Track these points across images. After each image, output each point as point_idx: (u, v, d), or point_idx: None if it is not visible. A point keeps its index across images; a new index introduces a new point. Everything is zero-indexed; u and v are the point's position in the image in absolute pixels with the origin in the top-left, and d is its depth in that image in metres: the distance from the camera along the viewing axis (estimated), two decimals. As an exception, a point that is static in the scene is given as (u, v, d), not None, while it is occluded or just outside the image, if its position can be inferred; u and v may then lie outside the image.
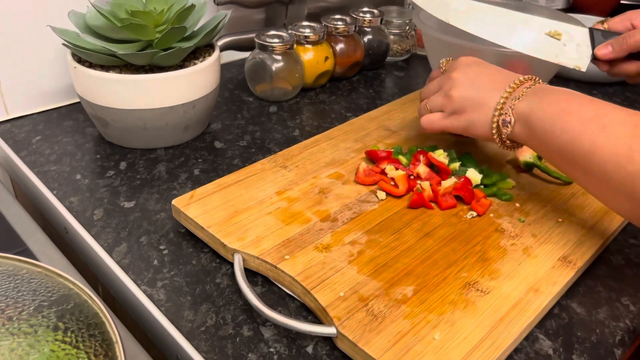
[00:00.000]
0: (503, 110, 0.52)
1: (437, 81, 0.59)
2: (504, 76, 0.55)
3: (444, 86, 0.57)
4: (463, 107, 0.55)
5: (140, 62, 0.62)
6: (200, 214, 0.52)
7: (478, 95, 0.54)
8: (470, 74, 0.56)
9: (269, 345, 0.44)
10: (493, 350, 0.41)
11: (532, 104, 0.50)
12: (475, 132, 0.55)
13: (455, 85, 0.56)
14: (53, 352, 0.33)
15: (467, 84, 0.55)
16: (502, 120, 0.52)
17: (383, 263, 0.48)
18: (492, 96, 0.53)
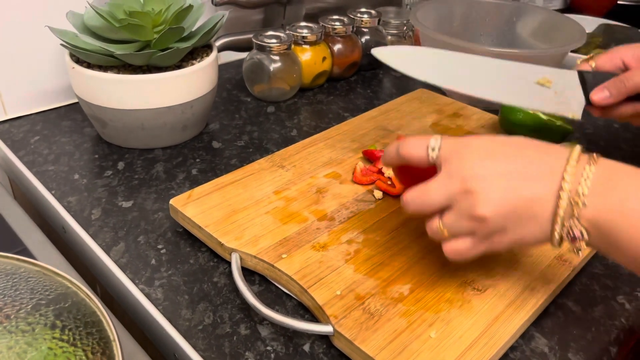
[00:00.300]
0: (566, 222, 0.38)
1: (440, 189, 0.41)
2: (543, 162, 0.39)
3: (459, 202, 0.40)
4: (504, 227, 0.39)
5: (138, 63, 0.62)
6: (198, 214, 0.53)
7: (520, 204, 0.39)
8: (494, 177, 0.39)
9: (266, 344, 0.44)
10: (489, 349, 0.41)
11: (610, 212, 0.37)
12: (529, 246, 0.44)
13: (480, 200, 0.39)
14: (50, 350, 0.33)
15: (497, 194, 0.39)
16: (568, 235, 0.38)
17: (380, 262, 0.49)
18: (542, 202, 0.39)
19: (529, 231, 0.39)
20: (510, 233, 0.40)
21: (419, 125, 0.71)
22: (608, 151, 0.72)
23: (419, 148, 0.42)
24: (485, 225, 0.39)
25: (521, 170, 0.39)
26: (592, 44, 0.97)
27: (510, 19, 0.89)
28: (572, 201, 0.37)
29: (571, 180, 0.38)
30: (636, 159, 0.71)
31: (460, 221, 0.40)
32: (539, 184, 0.39)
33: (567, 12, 1.15)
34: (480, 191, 0.39)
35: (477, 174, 0.39)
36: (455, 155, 0.41)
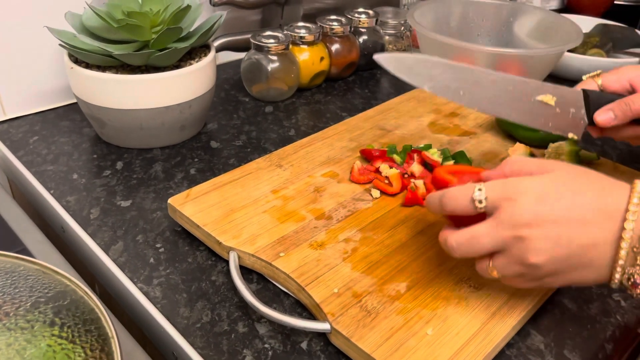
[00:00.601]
0: (626, 270, 0.37)
1: (491, 236, 0.39)
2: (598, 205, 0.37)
3: (511, 249, 0.39)
4: (556, 271, 0.39)
5: (137, 63, 0.63)
6: (196, 213, 0.53)
7: (574, 251, 0.37)
8: (547, 224, 0.37)
9: (263, 341, 0.44)
10: (485, 345, 0.42)
11: None
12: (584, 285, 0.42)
13: (532, 248, 0.38)
14: (49, 347, 0.33)
15: (551, 241, 0.37)
16: (629, 281, 0.37)
17: (377, 260, 0.49)
18: (598, 248, 0.37)
19: (584, 275, 0.39)
20: (563, 276, 0.39)
21: (416, 124, 0.71)
22: (605, 151, 0.72)
23: (464, 201, 0.40)
24: (537, 271, 0.39)
25: (577, 215, 0.37)
26: (589, 43, 0.98)
27: (507, 19, 0.89)
28: (633, 249, 0.36)
29: (633, 227, 0.36)
30: (633, 159, 0.72)
31: (510, 265, 0.39)
32: (596, 230, 0.37)
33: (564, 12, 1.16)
34: (532, 239, 0.37)
35: (529, 221, 0.37)
36: (505, 201, 0.39)
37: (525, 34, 0.86)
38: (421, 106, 0.76)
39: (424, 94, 0.80)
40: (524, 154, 0.62)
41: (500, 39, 0.90)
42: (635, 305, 0.49)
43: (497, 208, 0.39)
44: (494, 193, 0.39)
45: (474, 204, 0.39)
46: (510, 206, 0.38)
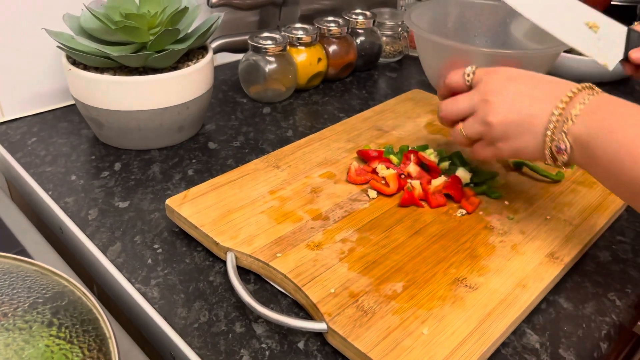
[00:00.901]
0: (555, 135, 0.45)
1: (467, 100, 0.51)
2: (551, 89, 0.47)
3: (478, 110, 0.50)
4: (506, 134, 0.48)
5: (134, 64, 0.63)
6: (194, 213, 0.53)
7: (521, 118, 0.47)
8: (508, 92, 0.48)
9: (261, 341, 0.44)
10: (480, 344, 0.42)
11: (591, 129, 0.43)
12: (525, 157, 0.49)
13: (492, 110, 0.48)
14: (47, 347, 0.34)
15: (507, 106, 0.47)
16: (555, 147, 0.45)
17: (373, 260, 0.49)
18: (539, 118, 0.46)
19: (526, 142, 0.47)
20: (510, 141, 0.48)
21: (413, 125, 0.72)
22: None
23: (459, 75, 0.54)
24: (492, 130, 0.48)
25: (531, 92, 0.47)
26: (585, 44, 0.98)
27: (504, 20, 0.89)
28: (563, 118, 0.45)
29: (567, 104, 0.45)
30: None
31: (474, 125, 0.50)
32: (541, 104, 0.46)
33: (561, 12, 1.16)
34: (494, 102, 0.48)
35: (496, 90, 0.49)
36: (484, 77, 0.51)
37: (521, 35, 0.87)
38: (418, 107, 0.76)
39: (420, 94, 0.80)
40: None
41: (497, 40, 0.90)
42: (630, 304, 0.50)
43: (478, 82, 0.51)
44: (479, 72, 0.52)
45: (464, 76, 0.53)
46: (486, 80, 0.50)
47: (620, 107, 0.43)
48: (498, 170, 0.63)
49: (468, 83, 0.52)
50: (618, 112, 0.43)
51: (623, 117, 0.42)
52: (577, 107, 0.44)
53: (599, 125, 0.43)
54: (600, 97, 0.45)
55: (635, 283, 0.52)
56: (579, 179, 0.62)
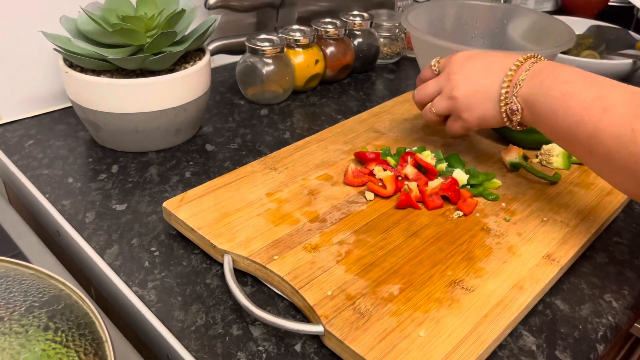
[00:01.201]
0: (507, 99, 0.53)
1: (435, 82, 0.59)
2: (501, 62, 0.54)
3: (444, 88, 0.58)
4: (469, 105, 0.55)
5: (131, 67, 0.63)
6: (191, 216, 0.53)
7: (480, 89, 0.55)
8: (467, 70, 0.56)
9: (258, 344, 0.44)
10: (477, 347, 0.42)
11: (533, 89, 0.51)
12: (489, 124, 0.56)
13: (455, 85, 0.56)
14: (44, 351, 0.34)
15: (467, 81, 0.55)
16: (509, 110, 0.53)
17: (370, 262, 0.49)
18: (494, 86, 0.54)
19: (486, 109, 0.55)
20: (474, 110, 0.56)
21: (410, 126, 0.72)
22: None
23: (427, 69, 0.62)
24: (457, 104, 0.56)
25: (486, 66, 0.55)
26: (582, 45, 0.98)
27: (501, 21, 0.89)
28: (513, 84, 0.52)
29: (515, 71, 0.53)
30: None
31: (442, 102, 0.58)
32: (495, 75, 0.54)
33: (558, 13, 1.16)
34: (456, 80, 0.56)
35: (457, 69, 0.57)
36: (447, 62, 0.59)
37: (519, 36, 0.87)
38: (415, 109, 0.76)
39: (418, 96, 0.80)
40: (517, 156, 0.63)
41: (494, 41, 0.90)
42: (627, 306, 0.50)
43: (443, 67, 0.59)
44: (444, 59, 0.60)
45: (432, 68, 0.61)
46: (449, 62, 0.58)
47: (556, 69, 0.50)
48: (495, 172, 0.63)
49: (436, 72, 0.60)
50: (554, 74, 0.50)
51: (557, 77, 0.49)
52: (524, 73, 0.52)
53: (539, 86, 0.50)
54: (542, 63, 0.52)
55: (632, 284, 0.52)
56: (575, 180, 0.62)
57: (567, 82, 0.49)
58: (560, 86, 0.49)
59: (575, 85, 0.48)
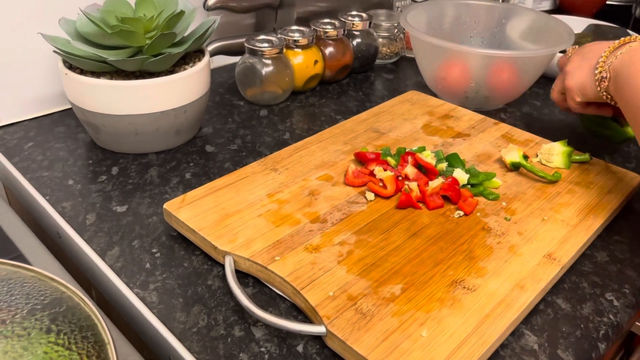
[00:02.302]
0: (603, 68, 0.58)
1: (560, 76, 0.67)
2: (604, 44, 0.61)
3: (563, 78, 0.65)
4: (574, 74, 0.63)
5: (131, 68, 0.63)
6: (192, 217, 0.53)
7: (585, 62, 0.62)
8: (577, 57, 0.63)
9: (260, 345, 0.44)
10: (479, 346, 0.42)
11: (623, 62, 0.56)
12: (587, 93, 0.61)
13: (568, 61, 0.64)
14: (46, 354, 0.33)
15: (577, 56, 0.63)
16: (601, 77, 0.58)
17: (372, 263, 0.49)
18: (596, 60, 0.60)
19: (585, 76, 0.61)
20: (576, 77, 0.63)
21: (410, 126, 0.72)
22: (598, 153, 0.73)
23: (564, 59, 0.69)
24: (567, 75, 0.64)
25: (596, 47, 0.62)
26: (581, 44, 0.98)
27: (499, 21, 0.89)
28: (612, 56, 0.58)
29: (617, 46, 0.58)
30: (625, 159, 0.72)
31: (558, 80, 0.67)
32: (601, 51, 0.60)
33: (556, 12, 1.17)
34: (570, 58, 0.65)
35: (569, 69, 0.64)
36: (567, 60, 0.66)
37: (517, 35, 0.87)
38: (415, 108, 0.76)
39: (417, 96, 0.80)
40: (517, 155, 0.63)
41: (493, 41, 0.90)
42: (628, 304, 0.50)
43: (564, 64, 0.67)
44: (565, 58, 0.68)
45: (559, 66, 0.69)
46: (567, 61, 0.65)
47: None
48: (495, 172, 0.63)
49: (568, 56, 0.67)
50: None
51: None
52: (621, 50, 0.57)
53: (629, 62, 0.55)
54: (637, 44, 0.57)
55: (632, 283, 0.52)
56: (575, 179, 0.62)
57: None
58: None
59: None
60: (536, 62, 0.76)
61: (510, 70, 0.76)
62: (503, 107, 0.85)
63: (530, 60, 0.76)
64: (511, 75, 0.77)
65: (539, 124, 0.80)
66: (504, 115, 0.82)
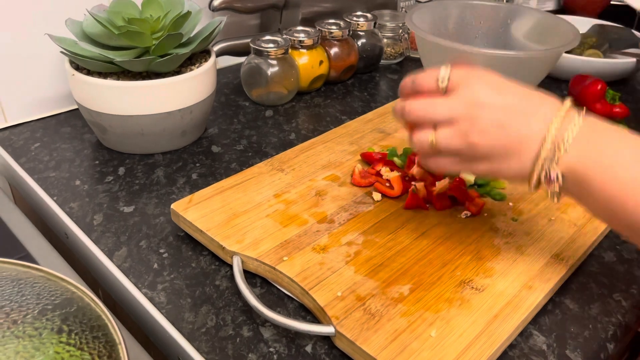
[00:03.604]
0: (545, 164, 0.41)
1: (446, 107, 0.43)
2: (539, 105, 0.42)
3: (460, 124, 0.43)
4: (488, 156, 0.43)
5: (138, 69, 0.63)
6: (199, 218, 0.53)
7: (510, 142, 0.42)
8: (496, 109, 0.42)
9: (268, 345, 0.44)
10: (488, 347, 0.42)
11: (586, 160, 0.40)
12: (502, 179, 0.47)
13: (478, 128, 0.42)
14: (58, 354, 0.34)
15: (495, 127, 0.42)
16: (545, 177, 0.41)
17: (379, 263, 0.49)
18: (529, 142, 0.41)
19: (509, 166, 0.43)
20: (492, 163, 0.43)
21: (416, 127, 0.72)
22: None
23: (431, 79, 0.45)
24: (474, 150, 0.43)
25: (520, 107, 0.42)
26: (585, 44, 0.98)
27: (504, 21, 0.89)
28: (555, 146, 0.40)
29: (558, 126, 0.41)
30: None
31: (452, 139, 0.43)
32: (533, 123, 0.41)
33: (560, 13, 1.16)
34: (481, 119, 0.42)
35: (483, 103, 0.42)
36: (464, 82, 0.43)
37: (522, 36, 0.87)
38: (420, 109, 0.76)
39: (423, 96, 0.80)
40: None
41: (498, 41, 0.90)
42: (635, 304, 0.50)
43: (457, 87, 0.44)
44: (457, 74, 0.44)
45: (438, 82, 0.45)
46: (469, 86, 0.43)
47: (610, 135, 0.41)
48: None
49: (443, 87, 0.45)
50: (613, 143, 0.40)
51: (620, 149, 0.40)
52: (569, 133, 0.40)
53: (594, 157, 0.40)
54: (589, 122, 0.41)
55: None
56: (582, 179, 0.62)
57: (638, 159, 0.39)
58: (629, 166, 0.39)
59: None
60: (542, 63, 0.76)
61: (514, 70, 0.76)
62: (508, 107, 0.85)
63: (536, 61, 0.75)
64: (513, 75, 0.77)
65: (545, 124, 0.80)
66: (509, 115, 0.82)
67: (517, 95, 0.43)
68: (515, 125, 0.42)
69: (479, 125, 0.42)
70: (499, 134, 0.42)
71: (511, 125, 0.42)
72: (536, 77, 0.78)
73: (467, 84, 0.43)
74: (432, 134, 0.44)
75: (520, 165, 0.42)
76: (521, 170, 0.42)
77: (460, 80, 0.44)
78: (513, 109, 0.42)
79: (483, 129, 0.42)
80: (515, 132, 0.41)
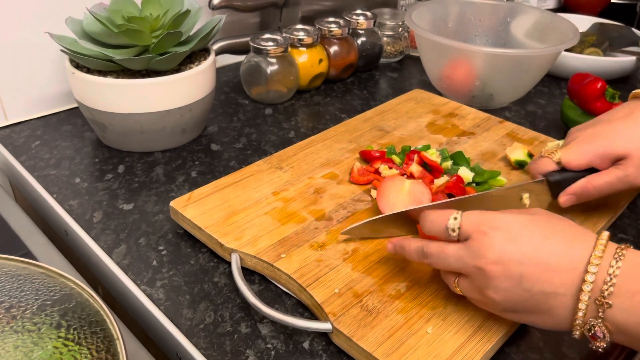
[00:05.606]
0: (587, 324, 0.36)
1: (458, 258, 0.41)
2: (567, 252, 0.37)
3: (474, 277, 0.40)
4: (515, 309, 0.40)
5: (137, 67, 0.63)
6: (198, 215, 0.53)
7: (530, 296, 0.38)
8: (511, 264, 0.38)
9: (266, 342, 0.45)
10: (484, 343, 0.42)
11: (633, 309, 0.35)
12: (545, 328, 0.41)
13: (492, 285, 0.39)
14: (56, 348, 0.34)
15: (511, 283, 0.38)
16: (589, 333, 0.37)
17: (377, 260, 0.49)
18: (559, 297, 0.37)
19: (543, 320, 0.39)
20: (522, 316, 0.40)
21: (415, 125, 0.72)
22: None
23: (440, 227, 0.42)
24: (496, 305, 0.40)
25: (543, 260, 0.37)
26: (586, 42, 0.98)
27: (504, 19, 0.90)
28: (595, 301, 0.36)
29: (595, 278, 0.36)
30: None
31: (472, 292, 0.41)
32: (559, 278, 0.37)
33: (561, 11, 1.16)
34: (495, 277, 0.38)
35: (495, 259, 0.38)
36: (477, 233, 0.40)
37: (522, 34, 0.87)
38: (420, 107, 0.77)
39: (422, 94, 0.80)
40: (522, 154, 0.63)
41: (497, 39, 0.90)
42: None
43: (470, 238, 0.40)
44: (468, 223, 0.41)
45: (447, 231, 0.41)
46: (480, 239, 0.39)
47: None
48: (500, 170, 0.63)
49: (454, 237, 0.42)
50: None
51: None
52: (608, 284, 0.35)
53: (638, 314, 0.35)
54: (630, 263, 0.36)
55: (637, 281, 0.52)
56: (580, 177, 0.62)
57: None
58: None
59: None
60: (541, 61, 0.76)
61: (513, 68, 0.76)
62: (508, 105, 0.85)
63: (536, 59, 0.76)
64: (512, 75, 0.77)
65: (544, 122, 0.80)
66: (508, 113, 0.82)
67: (537, 243, 0.38)
68: (537, 281, 0.37)
69: (493, 282, 0.39)
70: (518, 291, 0.38)
71: (532, 281, 0.37)
72: (535, 75, 0.79)
73: (480, 235, 0.39)
74: (455, 281, 0.43)
75: (555, 322, 0.38)
76: (558, 325, 0.38)
77: (473, 229, 0.40)
78: (533, 263, 0.37)
79: (498, 286, 0.38)
80: (538, 289, 0.37)
